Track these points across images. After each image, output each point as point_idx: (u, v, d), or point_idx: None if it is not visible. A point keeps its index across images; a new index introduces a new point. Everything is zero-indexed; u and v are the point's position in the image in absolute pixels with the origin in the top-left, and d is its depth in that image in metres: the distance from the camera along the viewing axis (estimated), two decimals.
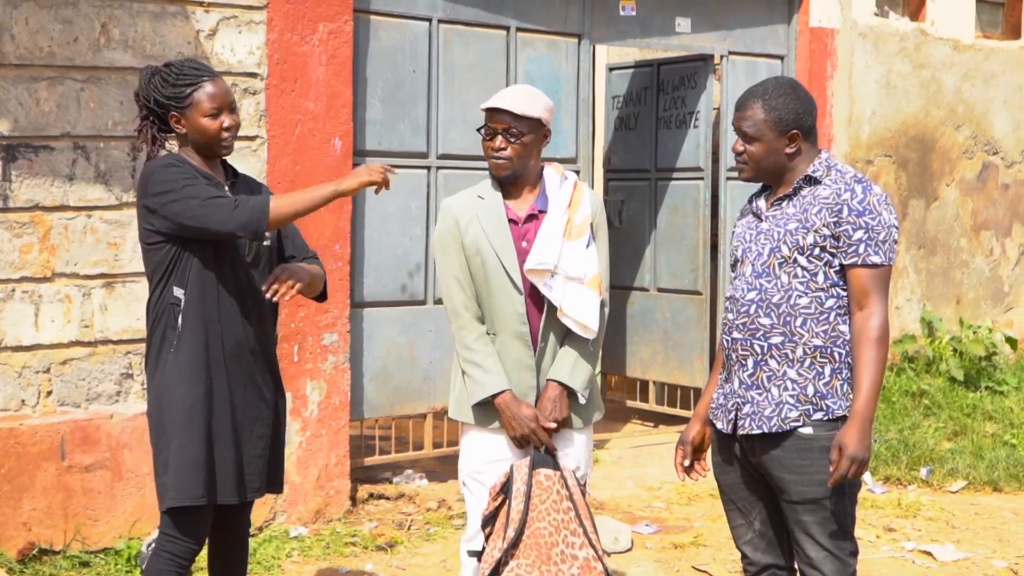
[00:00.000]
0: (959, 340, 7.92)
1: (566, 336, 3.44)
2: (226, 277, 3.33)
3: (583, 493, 3.41)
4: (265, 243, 3.43)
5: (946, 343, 7.85)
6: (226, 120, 3.33)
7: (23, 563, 4.55)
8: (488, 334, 3.43)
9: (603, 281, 3.49)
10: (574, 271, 3.38)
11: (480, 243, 3.42)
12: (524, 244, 3.42)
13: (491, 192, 3.48)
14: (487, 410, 3.42)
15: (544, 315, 3.42)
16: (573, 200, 3.46)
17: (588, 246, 3.42)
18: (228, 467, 3.34)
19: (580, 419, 3.49)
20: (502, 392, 3.37)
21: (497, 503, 3.35)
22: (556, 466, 3.36)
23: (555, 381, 3.41)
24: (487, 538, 3.35)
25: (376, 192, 3.37)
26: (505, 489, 3.34)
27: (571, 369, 3.41)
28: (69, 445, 4.70)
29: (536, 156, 3.45)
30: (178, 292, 3.29)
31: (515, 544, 3.27)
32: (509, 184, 3.46)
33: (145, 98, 3.35)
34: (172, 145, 3.55)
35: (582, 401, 3.43)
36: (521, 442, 3.38)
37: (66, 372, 4.75)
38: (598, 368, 3.90)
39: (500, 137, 3.38)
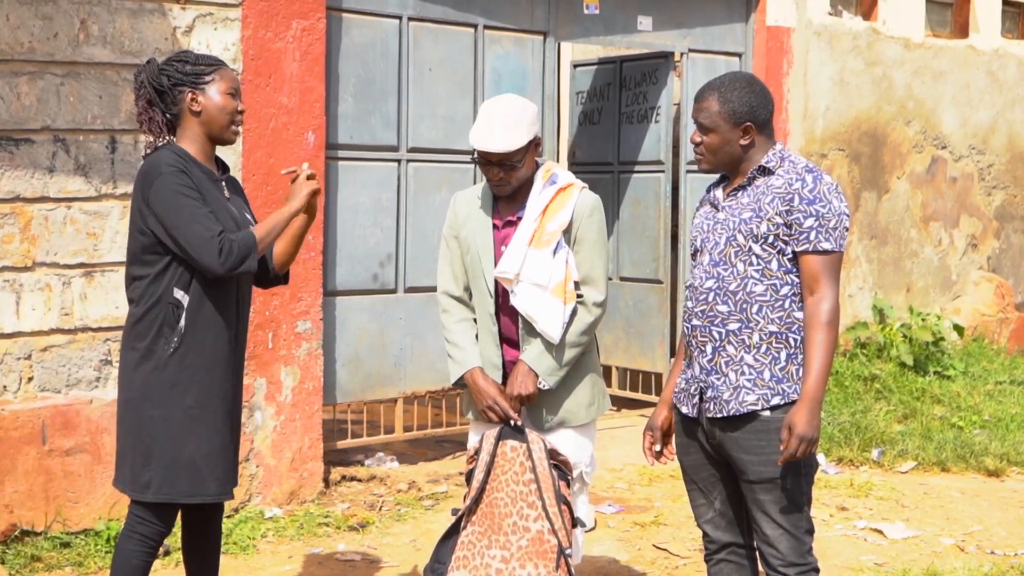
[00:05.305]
0: (909, 327, 8.03)
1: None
2: (228, 281, 3.37)
3: (563, 473, 3.44)
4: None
5: (896, 330, 7.96)
6: (239, 105, 3.41)
7: (5, 544, 4.59)
8: (473, 320, 3.55)
9: (596, 281, 3.48)
10: (538, 278, 3.39)
11: (471, 241, 3.51)
12: (503, 248, 3.47)
13: (486, 194, 3.55)
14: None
15: (523, 318, 3.49)
16: (551, 206, 3.44)
17: (556, 253, 3.41)
18: (227, 464, 3.42)
19: (578, 417, 3.56)
20: (472, 369, 3.48)
21: (471, 466, 3.47)
22: (524, 439, 3.41)
23: (522, 360, 3.46)
24: (464, 497, 3.47)
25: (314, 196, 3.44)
26: (477, 455, 3.45)
27: (538, 353, 3.46)
28: (50, 429, 4.75)
29: (532, 166, 3.49)
30: (178, 294, 3.31)
31: (471, 511, 3.37)
32: None
33: (156, 83, 3.37)
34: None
35: (544, 386, 3.46)
36: (487, 415, 3.47)
37: (47, 359, 4.79)
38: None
39: (495, 168, 3.41)
